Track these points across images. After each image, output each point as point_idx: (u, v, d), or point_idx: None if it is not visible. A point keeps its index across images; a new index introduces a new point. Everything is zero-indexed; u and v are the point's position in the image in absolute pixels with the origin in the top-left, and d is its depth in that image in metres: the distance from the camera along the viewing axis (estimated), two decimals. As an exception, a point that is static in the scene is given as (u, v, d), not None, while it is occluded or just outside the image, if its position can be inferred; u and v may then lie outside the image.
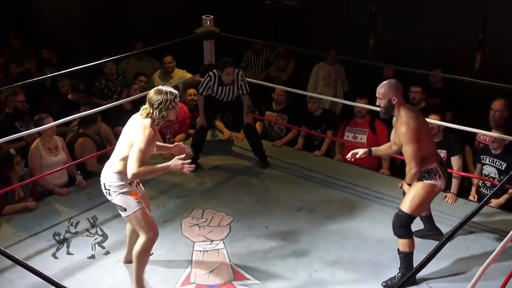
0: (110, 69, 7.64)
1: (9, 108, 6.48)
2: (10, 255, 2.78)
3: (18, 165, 5.44)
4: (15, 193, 5.48)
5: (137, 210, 4.01)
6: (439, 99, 6.88)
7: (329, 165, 6.45)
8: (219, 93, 6.06)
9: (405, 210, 4.25)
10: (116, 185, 4.01)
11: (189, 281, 4.47)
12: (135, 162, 3.80)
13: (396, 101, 4.21)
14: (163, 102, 3.92)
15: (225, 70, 5.90)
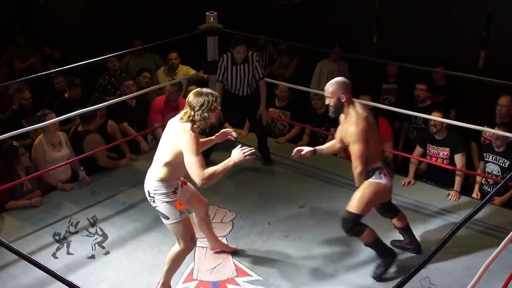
0: (113, 65, 7.66)
1: (15, 105, 6.50)
2: (14, 249, 2.80)
3: (23, 156, 5.48)
4: (23, 185, 5.52)
5: (179, 221, 3.98)
6: (443, 97, 6.88)
7: (332, 162, 6.44)
8: (234, 75, 6.01)
9: (353, 210, 4.28)
10: (160, 193, 3.94)
11: (192, 277, 4.48)
12: (198, 169, 3.71)
13: (345, 99, 4.22)
14: (204, 103, 3.84)
15: (236, 48, 5.90)
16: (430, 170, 6.08)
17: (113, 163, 6.30)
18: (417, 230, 5.04)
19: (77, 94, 6.78)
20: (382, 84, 7.45)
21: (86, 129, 6.18)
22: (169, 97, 6.81)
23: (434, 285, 4.30)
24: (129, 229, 5.13)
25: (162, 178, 3.92)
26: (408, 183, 5.87)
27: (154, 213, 5.31)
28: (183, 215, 3.99)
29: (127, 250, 4.84)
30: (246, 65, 5.99)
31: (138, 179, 5.91)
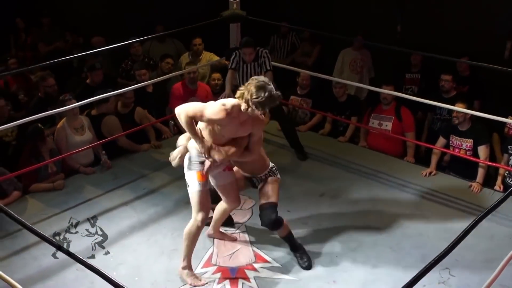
0: (136, 50, 7.68)
1: (41, 92, 6.56)
2: (36, 230, 2.82)
3: (48, 137, 5.56)
4: (47, 167, 5.58)
5: (195, 191, 4.05)
6: (467, 87, 6.79)
7: (353, 151, 6.42)
8: (244, 73, 6.00)
9: (275, 200, 4.33)
10: (188, 159, 4.09)
11: (210, 262, 4.50)
12: (186, 109, 3.87)
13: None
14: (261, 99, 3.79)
15: (243, 50, 5.90)
16: (452, 161, 6.02)
17: (133, 145, 6.32)
18: (438, 221, 5.02)
19: (99, 78, 6.80)
20: (405, 73, 7.38)
21: (100, 112, 6.23)
22: (189, 81, 6.82)
23: (454, 277, 4.26)
24: (150, 213, 5.17)
25: (193, 145, 4.05)
26: (429, 174, 5.82)
27: (175, 198, 5.39)
28: (201, 187, 4.03)
29: (147, 234, 4.88)
30: (256, 63, 5.97)
31: (160, 164, 6.00)
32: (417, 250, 4.58)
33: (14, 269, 4.25)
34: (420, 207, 5.28)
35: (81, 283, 4.16)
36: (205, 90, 7.04)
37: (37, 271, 4.35)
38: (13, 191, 5.33)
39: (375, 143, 6.53)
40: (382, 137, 6.45)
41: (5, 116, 5.89)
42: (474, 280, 4.15)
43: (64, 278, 4.27)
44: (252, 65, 5.96)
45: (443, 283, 4.20)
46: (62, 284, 4.19)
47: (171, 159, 4.25)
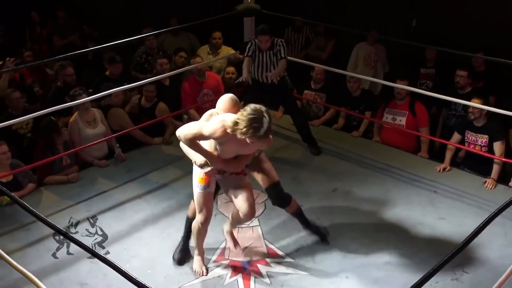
0: (151, 43, 7.69)
1: (60, 82, 6.60)
2: (50, 223, 2.84)
3: (62, 128, 5.63)
4: (62, 160, 5.63)
5: (197, 192, 4.06)
6: (482, 83, 6.73)
7: (367, 146, 6.40)
8: (259, 61, 5.97)
9: (276, 178, 4.37)
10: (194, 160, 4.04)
11: (223, 256, 4.52)
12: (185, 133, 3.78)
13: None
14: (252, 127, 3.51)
15: (258, 38, 5.88)
16: (467, 157, 5.98)
17: (146, 137, 6.35)
18: (452, 217, 4.99)
19: (118, 71, 6.83)
20: (420, 68, 7.33)
21: (107, 104, 6.29)
22: (198, 73, 6.84)
23: (467, 273, 4.24)
24: (163, 207, 5.19)
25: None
26: (443, 169, 5.79)
27: (188, 192, 5.36)
28: (202, 189, 4.03)
29: (160, 227, 4.90)
30: (271, 51, 5.94)
31: (173, 158, 6.02)
32: (430, 247, 4.56)
33: (28, 261, 4.30)
34: (434, 203, 5.26)
35: (95, 275, 4.20)
36: (215, 80, 7.06)
37: (51, 262, 4.39)
38: (28, 183, 5.38)
39: (388, 138, 6.50)
40: (396, 132, 6.42)
41: (20, 108, 5.94)
42: (488, 277, 4.12)
43: (78, 270, 4.31)
44: (267, 54, 5.94)
45: (456, 279, 4.18)
46: (76, 276, 4.22)
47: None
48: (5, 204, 5.12)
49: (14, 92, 6.00)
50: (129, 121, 6.30)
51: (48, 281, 4.08)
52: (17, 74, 7.22)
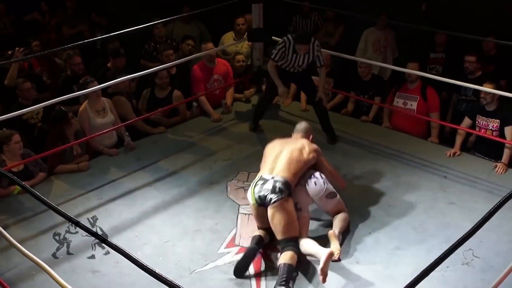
0: (159, 31, 7.68)
1: (68, 71, 6.62)
2: (62, 211, 2.87)
3: (73, 119, 5.64)
4: (73, 149, 5.66)
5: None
6: (493, 67, 6.68)
7: (376, 132, 6.38)
8: (292, 61, 5.90)
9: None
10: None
11: (234, 243, 4.53)
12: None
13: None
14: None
15: (297, 46, 5.76)
16: (478, 141, 5.95)
17: (146, 127, 6.38)
18: (462, 202, 4.98)
19: (121, 64, 6.82)
20: (429, 53, 7.28)
21: (113, 91, 6.31)
22: (208, 59, 6.86)
23: (478, 258, 4.23)
24: (173, 194, 5.21)
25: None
26: (454, 154, 5.77)
27: (198, 179, 5.44)
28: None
29: (171, 214, 4.92)
30: (307, 54, 5.86)
31: (182, 146, 6.05)
32: (441, 231, 4.56)
33: (40, 249, 4.32)
34: (444, 187, 5.24)
35: (107, 263, 4.22)
36: (224, 65, 7.06)
37: (63, 250, 4.40)
38: (39, 172, 5.41)
39: (398, 123, 6.48)
40: (406, 117, 6.39)
41: (31, 98, 5.97)
42: (498, 261, 4.13)
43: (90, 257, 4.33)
44: (303, 56, 5.87)
45: (467, 264, 4.18)
46: (88, 263, 4.25)
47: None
48: (17, 193, 5.16)
49: (25, 82, 6.02)
50: (131, 109, 6.32)
51: (61, 269, 4.11)
52: (26, 63, 7.24)
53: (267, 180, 4.29)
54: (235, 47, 7.64)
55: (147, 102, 6.55)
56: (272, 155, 4.52)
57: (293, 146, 4.54)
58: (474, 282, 4.00)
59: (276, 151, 4.54)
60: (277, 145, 4.63)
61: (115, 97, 6.26)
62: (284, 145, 4.58)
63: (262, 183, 4.29)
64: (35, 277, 4.09)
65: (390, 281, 4.01)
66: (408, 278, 2.35)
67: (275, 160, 4.45)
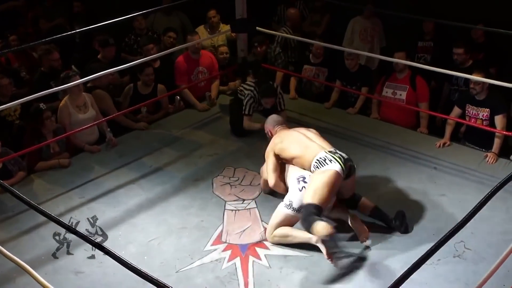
0: (139, 23, 7.64)
1: (44, 67, 6.56)
2: (43, 210, 2.85)
3: (48, 120, 5.54)
4: (49, 148, 5.61)
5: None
6: (482, 55, 6.72)
7: (364, 123, 6.41)
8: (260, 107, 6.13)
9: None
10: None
11: (220, 240, 4.53)
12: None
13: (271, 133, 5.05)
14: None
15: (263, 100, 5.97)
16: (468, 131, 5.99)
17: (127, 121, 6.36)
18: (452, 193, 5.02)
19: (111, 54, 6.79)
20: (417, 41, 7.31)
21: (92, 85, 6.27)
22: (192, 51, 6.84)
23: (469, 250, 4.28)
24: (157, 192, 5.20)
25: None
26: (444, 145, 5.81)
27: (182, 176, 5.43)
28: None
29: (156, 212, 4.92)
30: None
31: (166, 141, 6.04)
32: (431, 224, 4.59)
33: (22, 250, 4.31)
34: (434, 179, 5.29)
35: (91, 263, 4.22)
36: (209, 57, 7.07)
37: (45, 251, 4.40)
38: (18, 171, 5.37)
39: (387, 114, 6.51)
40: (394, 108, 6.43)
41: (8, 95, 5.90)
42: (490, 253, 4.17)
43: (73, 258, 4.32)
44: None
45: (458, 256, 4.22)
46: (71, 264, 4.24)
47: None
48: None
49: (2, 78, 5.95)
50: (112, 104, 6.30)
51: (43, 270, 4.10)
52: (3, 58, 7.18)
53: (336, 151, 4.47)
54: (210, 40, 7.63)
55: (130, 99, 6.49)
56: (303, 140, 4.64)
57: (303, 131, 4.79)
58: (466, 274, 4.04)
59: (300, 137, 4.69)
60: (292, 134, 4.79)
61: (96, 91, 6.22)
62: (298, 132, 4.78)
63: (340, 154, 4.44)
64: (16, 279, 4.07)
65: (380, 276, 4.04)
66: (398, 272, 2.37)
67: (313, 141, 4.61)
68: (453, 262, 4.17)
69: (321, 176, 4.25)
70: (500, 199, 4.40)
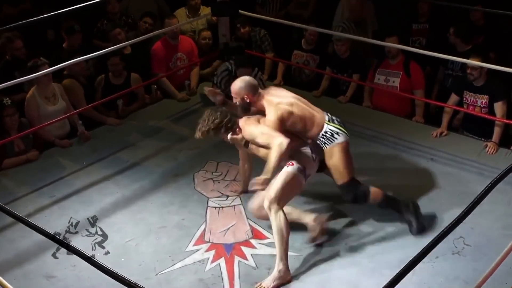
0: (112, 7, 7.58)
1: (7, 55, 6.49)
2: (11, 211, 2.84)
3: (8, 117, 5.45)
4: (13, 145, 5.56)
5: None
6: (482, 38, 6.74)
7: (356, 112, 6.42)
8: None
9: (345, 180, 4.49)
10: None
11: (203, 239, 4.53)
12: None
13: (249, 99, 4.42)
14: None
15: (239, 71, 5.84)
16: (466, 119, 6.02)
17: (99, 116, 6.34)
18: (450, 186, 5.06)
19: (77, 41, 6.73)
20: (412, 24, 7.33)
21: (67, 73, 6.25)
22: (170, 36, 6.83)
23: (469, 246, 4.31)
24: (134, 189, 5.19)
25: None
26: (440, 134, 5.85)
27: (161, 171, 5.42)
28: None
29: (133, 211, 4.91)
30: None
31: (143, 135, 6.02)
32: (428, 219, 4.61)
33: (-13, 254, 4.30)
34: (431, 171, 5.32)
35: (63, 266, 4.20)
36: (188, 43, 7.06)
37: (14, 254, 4.38)
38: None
39: (380, 102, 6.53)
40: (388, 95, 6.45)
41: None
42: (491, 249, 4.18)
43: (44, 261, 4.29)
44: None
45: (458, 253, 4.26)
46: (42, 268, 4.23)
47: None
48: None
49: None
50: (83, 96, 6.26)
51: (11, 275, 4.07)
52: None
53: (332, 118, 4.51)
54: (190, 25, 7.59)
55: (102, 91, 6.44)
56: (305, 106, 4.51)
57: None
58: (466, 272, 4.06)
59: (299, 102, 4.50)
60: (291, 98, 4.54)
61: (65, 81, 6.18)
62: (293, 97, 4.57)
63: (337, 120, 4.52)
64: (-19, 285, 4.04)
65: (375, 275, 4.06)
66: (395, 271, 2.37)
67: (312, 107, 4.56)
68: (452, 259, 4.20)
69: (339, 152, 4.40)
70: (501, 192, 4.48)
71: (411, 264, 2.39)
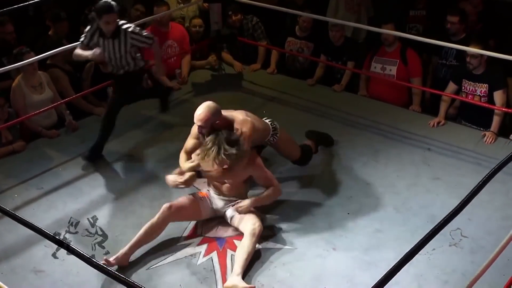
0: (101, -7, 7.54)
1: None
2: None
3: None
4: (1, 136, 5.55)
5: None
6: (480, 25, 6.74)
7: (351, 101, 6.43)
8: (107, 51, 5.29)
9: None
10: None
11: (195, 233, 4.53)
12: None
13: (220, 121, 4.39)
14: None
15: (103, 19, 5.12)
16: (465, 108, 6.04)
17: (87, 105, 6.32)
18: (448, 176, 5.07)
19: (64, 29, 6.70)
20: (409, 10, 7.33)
21: (51, 62, 6.21)
22: (160, 23, 6.81)
23: (466, 238, 4.33)
24: (125, 181, 5.20)
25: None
26: (438, 123, 5.86)
27: (152, 162, 5.42)
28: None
29: (123, 203, 4.91)
30: (118, 40, 5.26)
31: (133, 125, 6.00)
32: (425, 210, 4.64)
33: (-27, 249, 4.29)
34: (428, 161, 5.34)
35: (51, 261, 4.16)
36: (179, 30, 7.02)
37: (1, 249, 4.38)
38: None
39: (376, 91, 6.54)
40: (384, 84, 6.45)
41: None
42: (489, 240, 4.22)
43: (32, 255, 4.30)
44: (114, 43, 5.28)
45: (455, 245, 4.28)
46: (30, 263, 4.22)
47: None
48: None
49: None
50: (68, 84, 6.24)
51: (-2, 270, 4.08)
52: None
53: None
54: (180, 11, 7.57)
55: (91, 79, 6.42)
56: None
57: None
58: (463, 264, 4.09)
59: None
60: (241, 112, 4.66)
61: (50, 70, 6.15)
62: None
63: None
64: (-32, 280, 4.04)
65: (370, 268, 4.08)
66: (391, 263, 2.39)
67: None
68: (449, 252, 4.22)
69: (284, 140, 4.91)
70: (499, 182, 4.46)
71: (408, 257, 2.40)
